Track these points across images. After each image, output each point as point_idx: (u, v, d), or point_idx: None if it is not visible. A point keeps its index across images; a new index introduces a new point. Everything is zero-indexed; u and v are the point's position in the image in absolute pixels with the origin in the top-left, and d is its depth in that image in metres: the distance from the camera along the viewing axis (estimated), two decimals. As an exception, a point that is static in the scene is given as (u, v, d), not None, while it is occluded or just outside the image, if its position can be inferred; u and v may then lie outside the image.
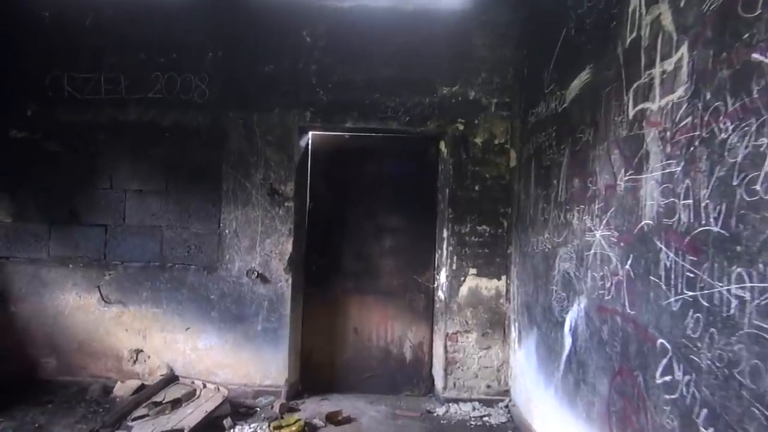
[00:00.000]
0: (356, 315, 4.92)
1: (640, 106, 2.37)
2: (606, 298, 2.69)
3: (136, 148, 4.60)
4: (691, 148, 1.94)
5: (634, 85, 2.43)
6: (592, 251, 2.89)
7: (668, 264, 2.08)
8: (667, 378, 2.06)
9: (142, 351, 4.61)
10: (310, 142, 4.87)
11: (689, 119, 1.96)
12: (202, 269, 4.59)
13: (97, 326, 4.60)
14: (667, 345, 2.08)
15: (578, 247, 3.11)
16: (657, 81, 2.22)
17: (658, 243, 2.16)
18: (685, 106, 2.00)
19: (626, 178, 2.49)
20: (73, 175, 4.60)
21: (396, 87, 4.61)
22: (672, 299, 2.04)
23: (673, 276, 2.04)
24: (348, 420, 4.20)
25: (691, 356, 1.90)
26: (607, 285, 2.68)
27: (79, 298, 4.61)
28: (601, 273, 2.76)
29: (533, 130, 4.14)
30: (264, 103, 4.60)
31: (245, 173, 4.59)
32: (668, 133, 2.11)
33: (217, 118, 4.59)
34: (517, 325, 4.45)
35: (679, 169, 2.02)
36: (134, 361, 4.61)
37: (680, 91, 2.03)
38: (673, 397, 2.01)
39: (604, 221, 2.74)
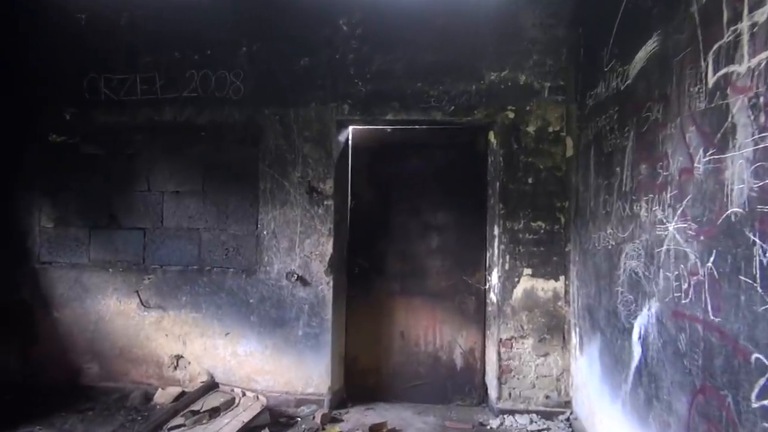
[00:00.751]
0: (402, 319, 4.63)
1: (722, 71, 1.96)
2: (683, 301, 2.28)
3: (172, 148, 4.50)
4: (795, 115, 1.55)
5: (714, 47, 2.01)
6: (665, 247, 2.48)
7: (765, 261, 1.68)
8: (767, 402, 1.66)
9: (182, 357, 4.49)
10: (350, 137, 4.63)
11: (791, 79, 1.57)
12: (241, 272, 4.42)
13: (138, 331, 4.52)
14: (765, 361, 1.67)
15: (647, 243, 2.70)
16: (745, 37, 1.81)
17: (751, 235, 1.76)
18: (784, 63, 1.60)
19: (706, 158, 2.08)
20: (111, 177, 4.55)
21: (439, 74, 4.29)
22: (772, 304, 1.64)
23: (772, 276, 1.65)
24: (393, 432, 3.93)
25: (801, 377, 1.51)
26: (684, 286, 2.27)
27: (119, 303, 4.54)
28: (676, 272, 2.35)
29: (591, 114, 3.73)
30: (300, 97, 4.39)
31: (282, 171, 4.40)
32: (761, 99, 1.70)
33: (252, 115, 4.43)
34: (577, 330, 4.04)
35: (778, 142, 1.62)
36: (175, 367, 4.49)
37: (777, 46, 1.63)
38: (776, 426, 1.62)
39: (679, 212, 2.33)
